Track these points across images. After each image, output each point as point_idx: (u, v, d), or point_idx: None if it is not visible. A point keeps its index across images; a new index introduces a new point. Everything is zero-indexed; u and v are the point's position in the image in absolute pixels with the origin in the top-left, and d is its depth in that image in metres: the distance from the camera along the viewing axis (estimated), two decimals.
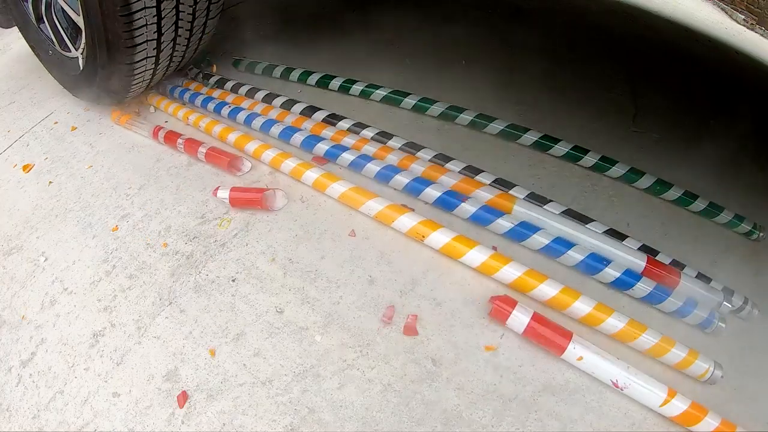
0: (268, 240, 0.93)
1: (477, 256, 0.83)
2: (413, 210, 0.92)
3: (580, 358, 0.73)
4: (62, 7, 1.12)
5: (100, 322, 0.85)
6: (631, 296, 0.83)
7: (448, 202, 0.93)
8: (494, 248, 0.88)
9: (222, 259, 0.90)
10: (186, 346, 0.80)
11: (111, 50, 1.01)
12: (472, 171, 1.01)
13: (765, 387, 0.79)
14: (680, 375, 0.77)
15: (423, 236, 0.87)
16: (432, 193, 0.93)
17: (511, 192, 0.97)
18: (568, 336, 0.74)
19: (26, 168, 1.18)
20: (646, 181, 1.02)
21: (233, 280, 0.87)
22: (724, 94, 1.37)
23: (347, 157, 1.02)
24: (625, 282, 0.83)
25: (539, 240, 0.87)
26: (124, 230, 0.98)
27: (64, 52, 1.22)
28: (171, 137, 1.11)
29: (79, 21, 1.07)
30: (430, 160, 1.03)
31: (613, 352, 0.75)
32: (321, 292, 0.85)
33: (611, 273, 0.83)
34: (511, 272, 0.82)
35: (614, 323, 0.76)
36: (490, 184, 0.98)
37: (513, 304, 0.76)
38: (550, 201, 0.96)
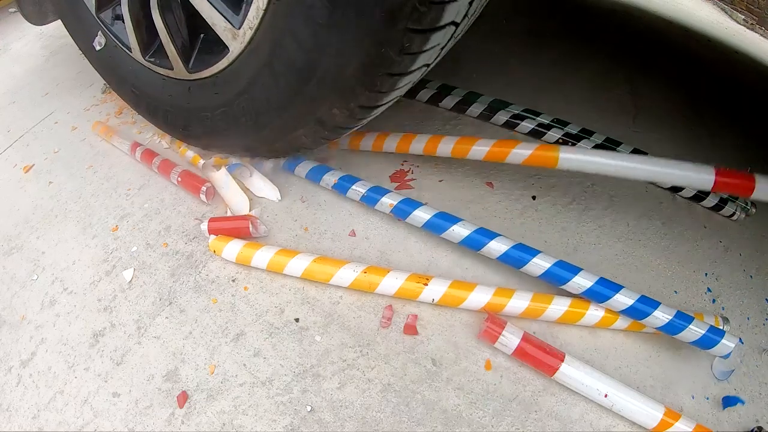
0: (268, 240, 0.93)
1: (478, 296, 0.79)
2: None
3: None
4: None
5: (100, 322, 0.85)
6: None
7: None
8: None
9: (222, 259, 0.90)
10: (186, 346, 0.80)
11: (375, 54, 0.58)
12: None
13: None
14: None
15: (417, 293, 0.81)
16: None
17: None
18: (559, 357, 0.73)
19: (26, 168, 1.18)
20: None
21: (233, 280, 0.87)
22: (724, 93, 1.37)
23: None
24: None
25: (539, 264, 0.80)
26: (124, 230, 0.98)
27: (194, 72, 0.78)
28: (147, 156, 1.08)
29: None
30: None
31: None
32: (321, 291, 0.85)
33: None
34: (517, 305, 0.79)
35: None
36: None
37: (502, 324, 0.75)
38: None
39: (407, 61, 0.61)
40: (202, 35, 0.78)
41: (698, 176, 0.79)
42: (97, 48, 0.84)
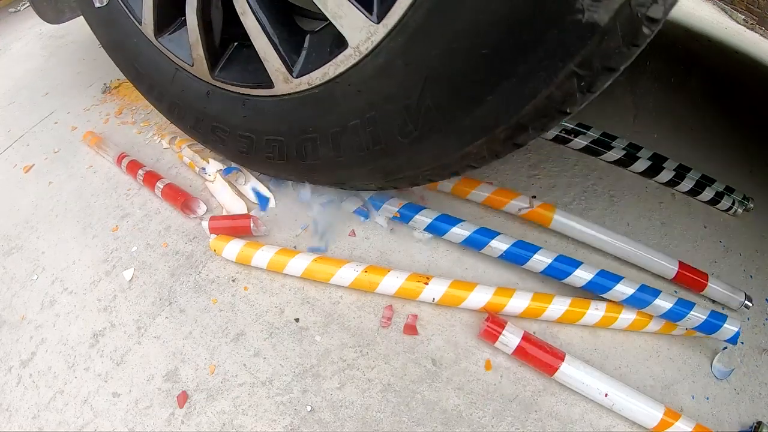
0: (268, 239, 0.92)
1: (479, 296, 0.79)
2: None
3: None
4: None
5: (100, 322, 0.85)
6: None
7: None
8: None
9: (222, 259, 0.90)
10: (186, 346, 0.80)
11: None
12: None
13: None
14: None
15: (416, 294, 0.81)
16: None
17: None
18: (560, 357, 0.73)
19: (26, 168, 1.18)
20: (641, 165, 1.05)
21: (233, 280, 0.87)
22: (725, 93, 1.37)
23: None
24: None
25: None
26: (124, 230, 0.98)
27: (219, 81, 0.68)
28: (133, 167, 1.05)
29: None
30: None
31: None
32: (321, 291, 0.85)
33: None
34: (517, 304, 0.79)
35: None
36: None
37: (502, 324, 0.75)
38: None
39: (465, 171, 0.66)
40: (235, 43, 0.69)
41: (662, 264, 0.87)
42: (97, 5, 0.71)
